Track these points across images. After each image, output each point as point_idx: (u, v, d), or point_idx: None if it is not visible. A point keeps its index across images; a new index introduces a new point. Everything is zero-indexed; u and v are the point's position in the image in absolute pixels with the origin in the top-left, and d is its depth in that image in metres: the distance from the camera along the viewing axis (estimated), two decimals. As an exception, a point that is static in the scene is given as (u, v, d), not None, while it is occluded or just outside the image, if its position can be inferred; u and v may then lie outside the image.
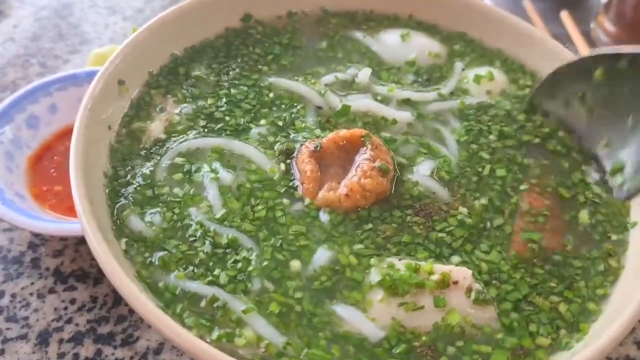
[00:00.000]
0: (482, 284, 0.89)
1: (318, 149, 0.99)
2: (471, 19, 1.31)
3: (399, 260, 0.89)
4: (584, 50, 1.58)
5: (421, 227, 0.95)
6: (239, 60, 1.19)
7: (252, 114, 1.08)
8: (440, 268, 0.88)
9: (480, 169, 1.04)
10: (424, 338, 0.84)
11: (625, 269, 0.95)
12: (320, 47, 1.26)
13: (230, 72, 1.16)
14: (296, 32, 1.28)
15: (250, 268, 0.87)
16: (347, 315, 0.84)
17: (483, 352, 0.84)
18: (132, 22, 1.85)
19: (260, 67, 1.18)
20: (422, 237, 0.93)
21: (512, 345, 0.84)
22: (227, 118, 1.07)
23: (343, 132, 1.02)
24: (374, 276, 0.87)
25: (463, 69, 1.24)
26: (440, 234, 0.94)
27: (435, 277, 0.86)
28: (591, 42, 1.68)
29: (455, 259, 0.92)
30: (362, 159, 0.99)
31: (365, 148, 1.00)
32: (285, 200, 0.95)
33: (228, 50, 1.21)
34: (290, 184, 0.98)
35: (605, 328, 0.83)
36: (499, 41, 1.30)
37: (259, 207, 0.94)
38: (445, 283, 0.86)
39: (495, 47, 1.30)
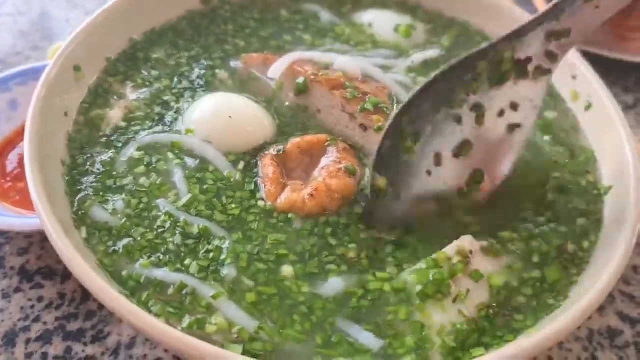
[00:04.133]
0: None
1: (281, 152, 0.96)
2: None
3: (408, 269, 0.86)
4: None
5: None
6: (202, 41, 1.17)
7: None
8: (448, 249, 0.86)
9: None
10: (494, 305, 0.84)
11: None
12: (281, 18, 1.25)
13: (192, 52, 1.14)
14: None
15: (222, 256, 0.85)
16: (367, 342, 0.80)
17: (536, 277, 0.89)
18: (94, 15, 1.80)
19: (228, 47, 1.16)
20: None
21: (540, 252, 0.92)
22: (175, 105, 1.05)
23: (308, 137, 0.98)
24: (413, 291, 0.84)
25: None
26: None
27: (455, 259, 0.84)
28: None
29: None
30: (329, 161, 0.95)
31: (330, 151, 0.96)
32: (260, 203, 0.92)
33: (194, 31, 1.19)
34: (252, 187, 0.94)
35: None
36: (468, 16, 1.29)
37: (233, 206, 0.91)
38: (466, 258, 0.85)
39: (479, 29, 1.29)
